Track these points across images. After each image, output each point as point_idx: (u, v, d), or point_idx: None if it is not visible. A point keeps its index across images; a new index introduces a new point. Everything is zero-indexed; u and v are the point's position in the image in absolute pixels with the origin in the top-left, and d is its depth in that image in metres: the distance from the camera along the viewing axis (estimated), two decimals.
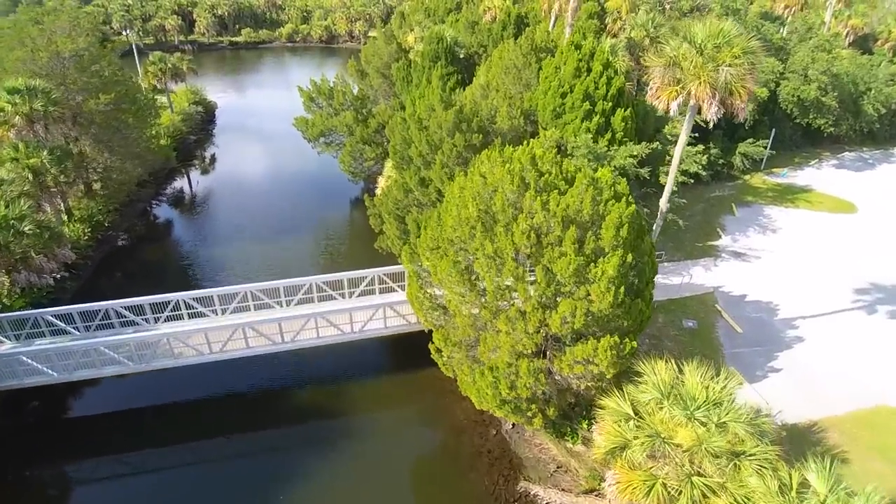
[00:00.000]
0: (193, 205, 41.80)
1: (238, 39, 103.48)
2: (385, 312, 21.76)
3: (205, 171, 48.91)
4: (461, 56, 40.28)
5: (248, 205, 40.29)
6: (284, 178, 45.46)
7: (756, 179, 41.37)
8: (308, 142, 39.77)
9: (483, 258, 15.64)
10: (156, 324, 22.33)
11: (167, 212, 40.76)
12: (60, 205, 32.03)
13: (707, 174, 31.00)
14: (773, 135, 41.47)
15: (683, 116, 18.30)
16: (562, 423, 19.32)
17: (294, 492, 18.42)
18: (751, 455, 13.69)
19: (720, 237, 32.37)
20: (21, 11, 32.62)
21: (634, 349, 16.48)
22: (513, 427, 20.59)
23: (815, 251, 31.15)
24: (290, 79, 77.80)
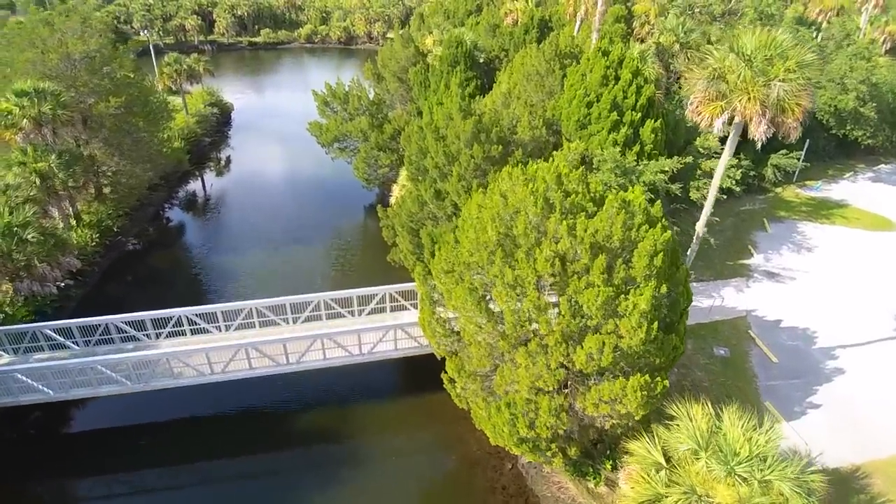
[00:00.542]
0: (205, 209, 41.11)
1: (257, 40, 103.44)
2: (396, 334, 20.55)
3: (218, 174, 48.32)
4: (481, 60, 39.00)
5: (261, 209, 39.46)
6: (298, 183, 44.61)
7: (788, 192, 39.38)
8: (322, 147, 38.78)
9: (502, 286, 14.32)
10: (157, 339, 21.47)
11: (179, 216, 40.11)
12: (69, 209, 31.42)
13: (741, 189, 29.29)
14: (807, 146, 39.45)
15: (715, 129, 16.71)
16: (583, 462, 17.91)
17: None
18: None
19: (752, 255, 30.59)
20: (32, 11, 32.04)
21: (666, 388, 15.04)
22: (530, 461, 19.23)
23: (854, 272, 29.21)
24: (308, 80, 77.29)
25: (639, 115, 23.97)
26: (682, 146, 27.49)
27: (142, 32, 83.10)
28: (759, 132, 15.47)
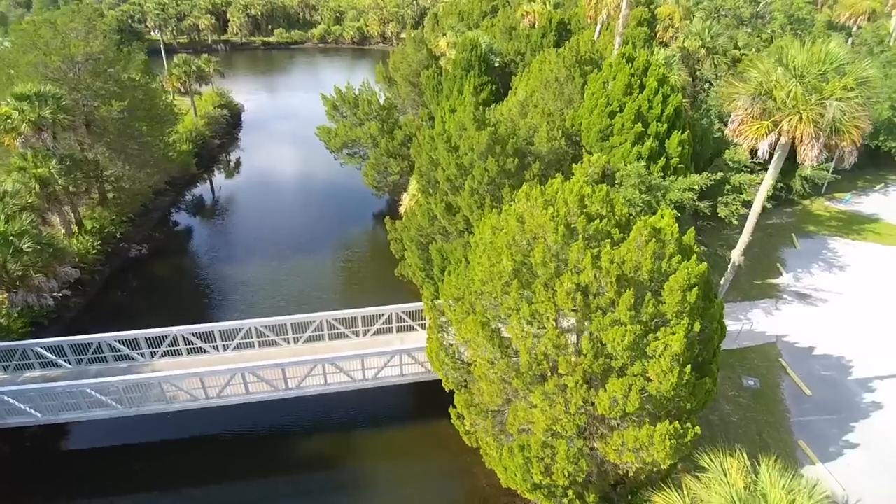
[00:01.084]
0: (212, 214, 40.20)
1: (270, 40, 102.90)
2: (402, 359, 19.31)
3: (227, 178, 47.51)
4: (496, 64, 37.63)
5: (268, 215, 38.50)
6: (307, 187, 43.61)
7: (817, 205, 37.51)
8: (330, 152, 37.68)
9: (517, 322, 13.00)
10: (151, 359, 20.46)
11: (186, 220, 39.26)
12: (70, 215, 30.62)
13: (771, 205, 27.65)
14: (837, 156, 37.50)
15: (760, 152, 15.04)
16: None
17: None
18: None
19: (781, 274, 28.89)
20: (36, 12, 31.28)
21: (697, 435, 13.61)
22: None
23: (890, 294, 27.43)
24: (320, 80, 76.39)
25: (665, 127, 22.46)
26: (710, 158, 25.91)
27: (153, 32, 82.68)
28: (811, 156, 13.92)
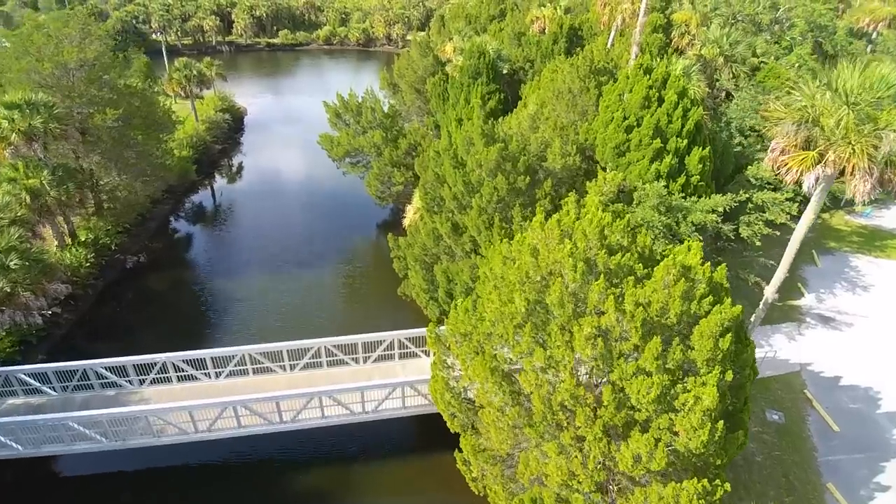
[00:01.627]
0: (211, 223, 39.15)
1: (275, 41, 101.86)
2: (404, 391, 18.13)
3: (228, 184, 46.51)
4: (504, 71, 36.40)
5: (268, 224, 37.36)
6: (310, 193, 42.42)
7: (837, 219, 36.09)
8: (333, 161, 36.56)
9: (531, 370, 11.80)
10: (140, 386, 19.36)
11: (183, 230, 38.17)
12: (64, 227, 29.61)
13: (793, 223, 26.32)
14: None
15: (805, 187, 13.60)
16: None
17: None
18: None
19: (803, 295, 27.55)
20: (27, 17, 30.32)
21: (727, 492, 12.38)
22: None
23: None
24: (325, 82, 75.36)
25: (685, 143, 21.19)
26: (731, 175, 24.61)
27: (156, 34, 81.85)
28: (863, 191, 12.58)
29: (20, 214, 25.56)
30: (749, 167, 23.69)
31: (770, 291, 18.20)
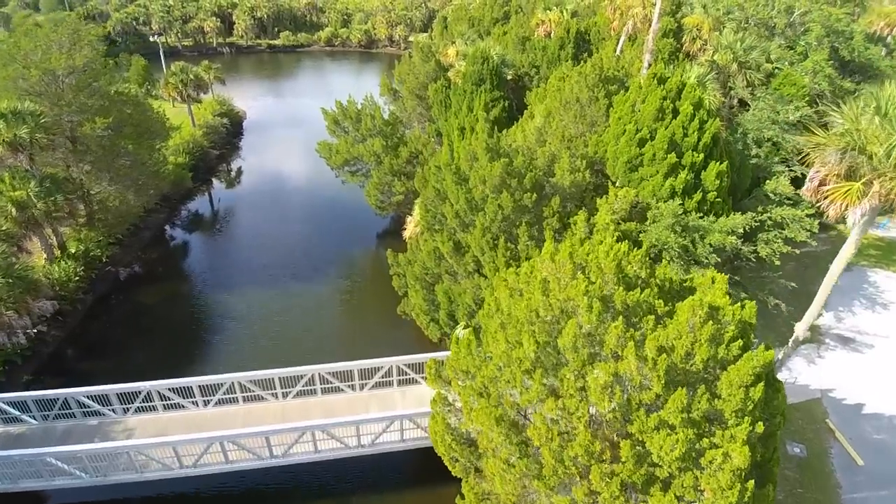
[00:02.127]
0: (207, 233, 38.13)
1: (276, 42, 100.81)
2: (402, 424, 17.03)
3: (226, 188, 45.55)
4: (508, 77, 35.26)
5: (264, 234, 36.34)
6: (308, 201, 41.32)
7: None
8: (331, 169, 35.49)
9: (542, 422, 10.69)
10: (124, 415, 18.33)
11: (177, 240, 37.17)
12: (52, 239, 28.59)
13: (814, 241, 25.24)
14: None
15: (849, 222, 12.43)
16: None
17: None
18: None
19: (821, 314, 26.32)
20: (17, 22, 29.28)
21: None
22: None
23: None
24: (326, 84, 74.37)
25: (701, 157, 20.03)
26: (748, 190, 23.43)
27: (154, 36, 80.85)
28: None
29: (5, 228, 24.61)
30: (768, 182, 22.52)
31: (801, 329, 17.10)
